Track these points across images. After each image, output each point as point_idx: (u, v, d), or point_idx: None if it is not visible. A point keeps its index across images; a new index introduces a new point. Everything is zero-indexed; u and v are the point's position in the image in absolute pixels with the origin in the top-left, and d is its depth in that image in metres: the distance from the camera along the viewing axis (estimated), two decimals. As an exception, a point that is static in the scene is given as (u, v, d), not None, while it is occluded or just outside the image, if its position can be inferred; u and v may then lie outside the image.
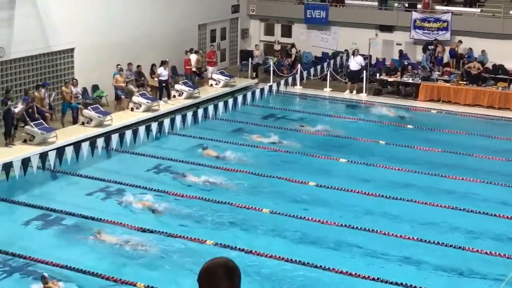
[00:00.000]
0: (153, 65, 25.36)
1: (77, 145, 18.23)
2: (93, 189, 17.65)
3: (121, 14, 25.26)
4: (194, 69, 27.15)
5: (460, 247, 14.68)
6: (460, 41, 28.10)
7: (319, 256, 14.22)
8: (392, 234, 15.21)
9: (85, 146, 18.16)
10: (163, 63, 24.85)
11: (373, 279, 13.35)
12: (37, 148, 19.46)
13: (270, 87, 25.30)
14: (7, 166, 16.74)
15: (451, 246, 14.73)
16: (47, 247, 14.62)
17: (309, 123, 23.72)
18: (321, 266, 13.74)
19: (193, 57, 27.21)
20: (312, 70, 27.84)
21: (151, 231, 15.20)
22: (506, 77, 26.89)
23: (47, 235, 15.22)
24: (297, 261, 13.95)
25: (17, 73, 22.02)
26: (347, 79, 28.03)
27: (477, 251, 14.54)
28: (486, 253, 14.45)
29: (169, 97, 24.98)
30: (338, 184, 18.01)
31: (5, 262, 13.96)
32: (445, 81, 27.02)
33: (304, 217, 16.02)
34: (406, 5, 29.77)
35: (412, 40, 29.15)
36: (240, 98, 23.23)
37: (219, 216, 16.17)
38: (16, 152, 19.10)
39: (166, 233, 15.13)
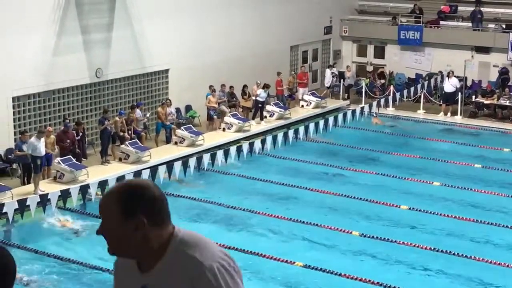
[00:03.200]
0: (244, 86, 25.60)
1: (170, 164, 18.56)
2: (184, 208, 17.89)
3: (214, 36, 25.66)
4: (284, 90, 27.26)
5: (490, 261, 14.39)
6: None
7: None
8: (481, 259, 14.79)
9: (178, 165, 18.44)
10: (265, 86, 25.02)
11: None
12: (131, 166, 19.92)
13: (362, 108, 25.07)
14: (103, 184, 17.22)
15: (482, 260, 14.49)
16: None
17: (401, 145, 23.34)
18: None
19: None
20: (405, 92, 27.47)
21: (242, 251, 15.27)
22: None
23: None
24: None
25: (113, 93, 22.67)
26: (441, 101, 27.47)
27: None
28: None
29: (261, 117, 25.14)
30: (431, 208, 17.65)
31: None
32: (545, 104, 26.11)
33: (395, 240, 15.76)
34: (504, 26, 28.97)
35: (510, 62, 28.31)
36: (331, 120, 23.12)
37: (308, 236, 16.11)
38: (112, 170, 19.60)
39: (251, 252, 15.15)
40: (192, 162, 18.89)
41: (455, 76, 27.11)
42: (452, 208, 17.80)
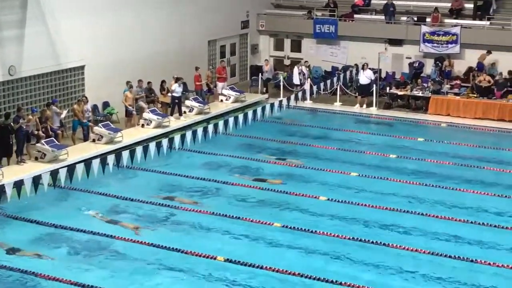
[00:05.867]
0: (163, 82, 25.47)
1: (88, 162, 18.32)
2: (104, 207, 17.69)
3: (131, 32, 25.42)
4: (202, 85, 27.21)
5: (469, 260, 14.69)
6: (489, 52, 27.91)
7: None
8: (399, 247, 15.22)
9: (96, 163, 18.24)
10: (178, 80, 24.91)
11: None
12: (48, 165, 19.57)
13: (280, 102, 25.33)
14: (19, 184, 16.83)
15: (458, 258, 14.78)
16: (57, 266, 14.65)
17: (319, 137, 23.75)
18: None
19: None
20: (322, 85, 27.93)
21: (166, 248, 15.23)
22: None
23: (58, 254, 15.23)
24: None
25: (28, 91, 22.16)
26: (357, 93, 28.04)
27: (488, 264, 14.51)
28: (496, 265, 14.42)
29: (180, 113, 25.06)
30: (348, 198, 18.06)
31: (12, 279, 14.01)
32: (455, 94, 26.99)
33: (315, 231, 16.05)
34: (415, 18, 29.79)
35: (422, 54, 29.15)
36: (250, 114, 23.30)
37: (233, 232, 16.22)
38: (27, 170, 19.18)
39: (177, 249, 15.15)
40: (111, 159, 18.70)
41: (369, 69, 27.73)
42: (370, 197, 18.23)
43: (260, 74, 29.55)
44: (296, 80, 28.75)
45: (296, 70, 28.96)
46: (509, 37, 27.75)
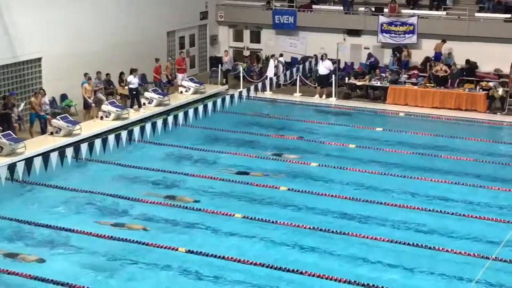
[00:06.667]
0: (121, 73, 25.28)
1: (46, 155, 18.12)
2: (62, 200, 17.52)
3: (89, 23, 25.15)
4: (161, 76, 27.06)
5: (429, 247, 14.88)
6: (444, 41, 28.25)
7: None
8: (361, 235, 15.36)
9: (54, 156, 18.05)
10: (133, 71, 24.77)
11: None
12: (5, 159, 19.31)
13: (240, 93, 25.35)
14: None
15: (417, 245, 14.96)
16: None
17: (279, 128, 23.83)
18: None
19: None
20: (281, 76, 28.00)
21: (124, 240, 15.16)
22: (472, 78, 27.25)
23: (17, 248, 15.06)
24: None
25: (-17, 84, 21.86)
26: (316, 83, 28.18)
27: (447, 250, 14.74)
28: (455, 252, 14.66)
29: (139, 105, 24.91)
30: (309, 188, 18.16)
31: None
32: (413, 84, 27.30)
33: (277, 221, 16.13)
34: (373, 9, 30.03)
35: (380, 44, 29.41)
36: (210, 105, 23.27)
37: (196, 223, 16.21)
38: (-16, 164, 18.92)
39: (135, 241, 15.09)
40: (69, 152, 18.52)
41: (328, 59, 27.88)
42: (330, 187, 18.37)
43: (219, 65, 29.50)
44: (270, 72, 28.68)
45: (272, 63, 28.94)
46: (464, 27, 28.15)
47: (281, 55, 29.79)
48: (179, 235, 15.65)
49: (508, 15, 28.16)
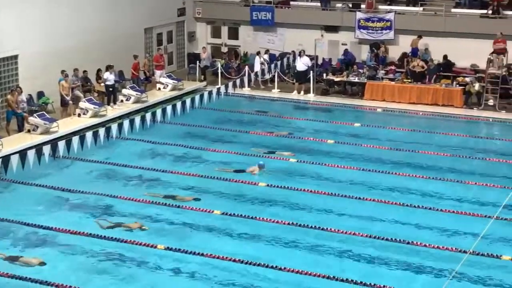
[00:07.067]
0: (98, 70, 25.18)
1: (23, 153, 18.02)
2: (41, 198, 17.44)
3: (66, 20, 25.01)
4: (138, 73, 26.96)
5: (407, 242, 15.02)
6: (420, 36, 28.41)
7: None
8: (337, 231, 15.49)
9: (31, 154, 17.95)
10: (109, 68, 24.69)
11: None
12: (-18, 157, 19.18)
13: (218, 89, 25.36)
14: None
15: (398, 241, 15.07)
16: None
17: (258, 124, 23.88)
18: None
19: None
20: (259, 72, 28.03)
21: (104, 237, 15.13)
22: (449, 74, 27.47)
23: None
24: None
25: (-41, 82, 21.67)
26: (294, 80, 28.26)
27: (425, 245, 14.88)
28: (433, 247, 14.80)
29: (115, 102, 24.82)
30: (287, 184, 18.25)
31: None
32: (390, 79, 27.47)
33: (255, 217, 16.18)
34: (350, 5, 30.15)
35: (357, 40, 29.54)
36: (188, 101, 23.26)
37: (175, 220, 16.22)
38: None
39: (117, 239, 15.08)
40: (47, 150, 18.42)
41: (306, 55, 27.96)
42: (308, 183, 18.45)
43: (197, 61, 29.49)
44: (257, 68, 28.67)
45: (257, 59, 28.93)
46: (441, 22, 28.35)
47: (266, 52, 29.78)
48: (158, 232, 15.61)
49: (484, 11, 28.41)
